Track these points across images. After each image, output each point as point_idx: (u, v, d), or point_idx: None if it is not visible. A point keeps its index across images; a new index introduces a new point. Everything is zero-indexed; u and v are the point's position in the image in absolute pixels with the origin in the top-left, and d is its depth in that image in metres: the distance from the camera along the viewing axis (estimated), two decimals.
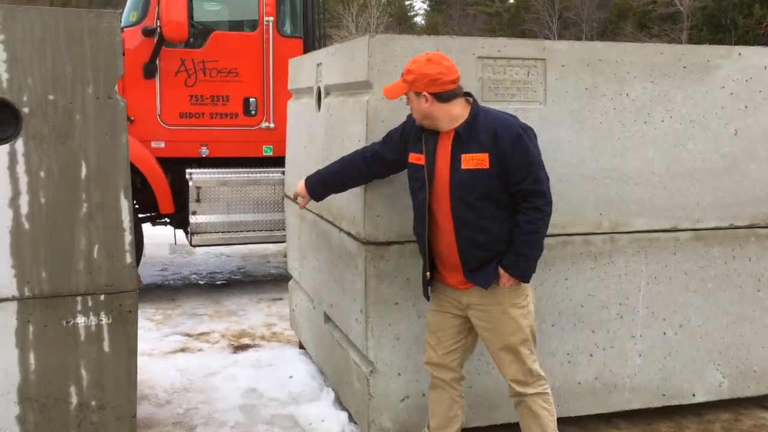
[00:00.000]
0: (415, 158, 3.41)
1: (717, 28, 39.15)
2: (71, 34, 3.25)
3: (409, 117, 3.51)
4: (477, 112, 3.30)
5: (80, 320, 3.34)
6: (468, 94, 3.37)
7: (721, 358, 4.39)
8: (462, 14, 54.48)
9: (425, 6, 63.71)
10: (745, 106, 4.25)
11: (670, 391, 4.33)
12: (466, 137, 3.26)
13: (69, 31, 3.24)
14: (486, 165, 3.22)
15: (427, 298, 3.55)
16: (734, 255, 4.34)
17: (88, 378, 3.38)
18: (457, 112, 3.29)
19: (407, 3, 61.53)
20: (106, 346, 3.39)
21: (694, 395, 4.38)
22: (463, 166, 3.25)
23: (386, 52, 3.67)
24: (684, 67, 4.11)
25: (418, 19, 59.97)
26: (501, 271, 3.30)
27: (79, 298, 3.34)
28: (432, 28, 47.96)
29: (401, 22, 50.98)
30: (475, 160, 3.23)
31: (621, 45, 4.07)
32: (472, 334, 3.55)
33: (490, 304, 3.37)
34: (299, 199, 4.01)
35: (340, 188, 3.82)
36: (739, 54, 4.21)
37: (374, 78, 3.67)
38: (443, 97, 3.26)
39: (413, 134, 3.45)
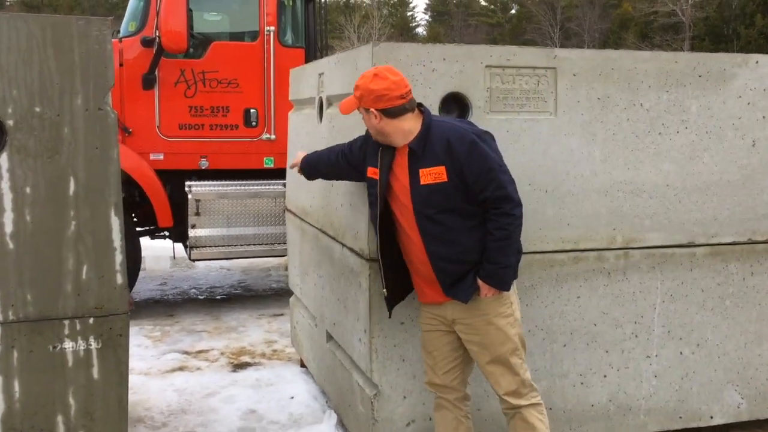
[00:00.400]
0: (372, 172, 3.33)
1: (719, 38, 39.14)
2: (59, 43, 3.09)
3: (366, 136, 3.46)
4: (429, 124, 3.18)
5: (68, 345, 3.16)
6: (420, 105, 3.25)
7: (740, 379, 4.22)
8: (464, 25, 54.50)
9: (427, 17, 63.81)
10: (763, 117, 4.09)
11: (687, 413, 4.15)
12: (420, 152, 3.16)
13: (57, 39, 3.08)
14: (444, 178, 3.11)
15: (389, 315, 3.47)
16: (752, 271, 4.17)
17: (76, 406, 3.20)
18: (408, 127, 3.18)
19: (409, 14, 61.63)
20: (95, 373, 3.21)
21: (711, 417, 4.20)
22: (421, 182, 3.15)
23: (391, 60, 3.51)
24: (699, 76, 3.96)
25: (420, 30, 60.05)
26: (480, 282, 3.17)
27: (66, 322, 3.16)
28: (434, 39, 47.93)
29: (403, 33, 51.00)
30: (432, 175, 3.12)
31: (634, 53, 3.92)
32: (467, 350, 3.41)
33: (474, 317, 3.25)
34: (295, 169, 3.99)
35: (322, 174, 3.83)
36: (756, 62, 4.05)
37: None
38: (392, 113, 3.14)
39: (371, 147, 3.37)
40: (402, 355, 3.67)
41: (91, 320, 3.20)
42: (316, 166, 3.80)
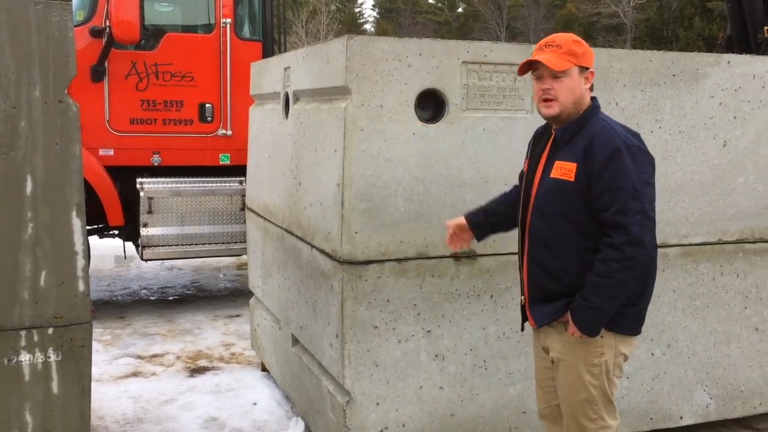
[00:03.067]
0: (525, 166, 3.01)
1: (659, 40, 40.06)
2: (15, 29, 2.84)
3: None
4: (587, 116, 2.80)
5: (24, 357, 2.91)
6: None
7: (709, 379, 4.22)
8: (411, 23, 54.61)
9: (375, 14, 63.72)
10: (734, 117, 4.09)
11: (658, 414, 4.14)
12: (561, 141, 2.81)
13: (13, 24, 2.83)
14: (571, 177, 2.71)
15: (522, 327, 3.09)
16: (722, 271, 4.18)
17: (33, 423, 2.95)
18: (586, 105, 2.83)
19: (357, 10, 61.44)
20: (54, 387, 2.96)
21: (681, 418, 4.20)
22: (551, 174, 2.78)
23: (366, 54, 3.38)
24: (673, 75, 3.94)
25: (368, 27, 59.92)
26: (568, 316, 2.77)
27: (23, 333, 2.91)
28: (382, 36, 47.90)
29: (351, 29, 50.75)
30: (563, 169, 2.74)
31: (610, 51, 3.88)
32: None
33: (561, 353, 2.87)
34: (446, 234, 3.25)
35: (504, 224, 3.20)
36: (728, 62, 4.05)
37: (352, 83, 3.38)
38: (591, 85, 2.85)
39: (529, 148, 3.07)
40: (375, 360, 3.55)
41: (50, 330, 2.96)
42: (490, 215, 3.19)
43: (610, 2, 43.02)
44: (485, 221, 3.20)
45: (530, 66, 2.86)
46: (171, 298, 7.60)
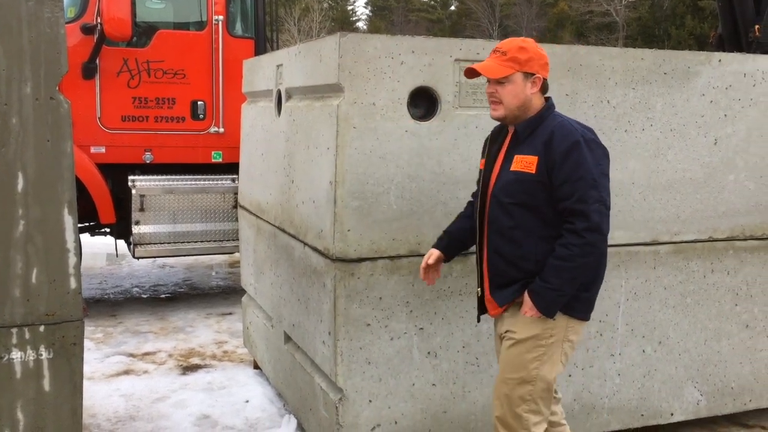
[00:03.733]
0: (481, 164, 3.13)
1: (651, 38, 40.15)
2: (6, 25, 2.82)
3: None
4: (544, 114, 2.95)
5: (16, 355, 2.89)
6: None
7: (699, 376, 4.25)
8: (404, 20, 54.55)
9: (367, 11, 63.65)
10: (725, 115, 4.11)
11: (649, 411, 4.16)
12: (522, 136, 2.94)
13: (4, 21, 2.81)
14: (532, 169, 2.85)
15: (478, 319, 3.23)
16: (713, 269, 4.20)
17: (25, 421, 2.94)
18: (536, 106, 2.97)
19: (349, 8, 61.36)
20: (46, 385, 2.95)
21: (672, 414, 4.22)
22: (512, 167, 2.91)
23: (358, 52, 3.38)
24: (665, 74, 3.95)
25: (361, 24, 59.87)
26: (525, 296, 2.90)
27: (14, 330, 2.90)
28: (375, 34, 47.85)
29: (343, 27, 50.68)
30: (524, 163, 2.88)
31: (601, 49, 3.89)
32: None
33: (511, 331, 2.98)
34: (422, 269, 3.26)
35: (470, 239, 3.22)
36: (719, 61, 4.07)
37: (345, 80, 3.38)
38: (545, 86, 2.98)
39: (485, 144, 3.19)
40: (368, 357, 3.55)
41: (41, 328, 2.94)
42: (454, 238, 3.26)
43: (602, 1, 43.12)
44: (451, 241, 3.26)
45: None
46: (163, 296, 7.58)
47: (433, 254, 3.24)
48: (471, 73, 3.04)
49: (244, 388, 4.90)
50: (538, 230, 2.89)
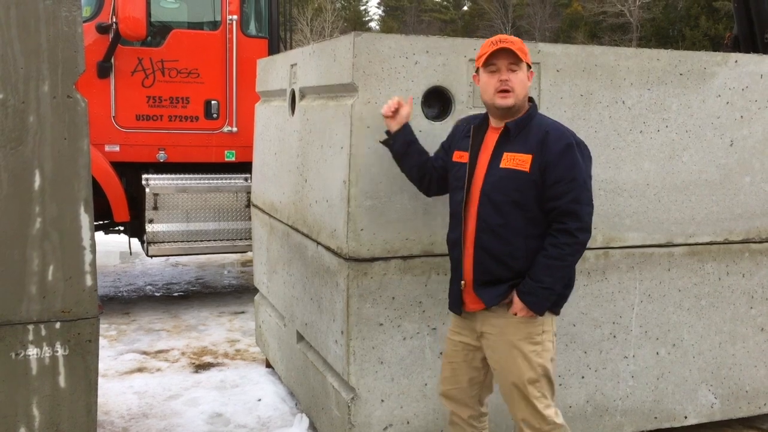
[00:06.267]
0: (459, 156, 3.12)
1: (665, 39, 39.94)
2: (24, 24, 2.84)
3: (456, 125, 3.27)
4: (534, 113, 3.03)
5: (32, 352, 2.92)
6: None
7: (713, 379, 4.22)
8: (417, 21, 54.56)
9: (380, 12, 63.69)
10: (741, 116, 4.08)
11: (663, 413, 4.13)
12: (514, 134, 2.97)
13: (21, 19, 2.83)
14: (526, 168, 2.89)
15: (459, 312, 3.15)
16: (728, 271, 4.17)
17: (41, 417, 2.96)
18: (527, 102, 3.05)
19: (362, 8, 61.40)
20: (61, 381, 2.97)
21: (686, 417, 4.19)
22: (501, 165, 2.94)
23: (372, 51, 3.39)
24: (680, 74, 3.93)
25: (373, 24, 59.91)
26: (515, 296, 2.94)
27: (30, 327, 2.92)
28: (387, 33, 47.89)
29: (356, 27, 50.72)
30: (516, 160, 2.92)
31: (617, 49, 3.87)
32: (491, 370, 3.18)
33: (500, 335, 3.01)
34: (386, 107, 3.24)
35: (411, 153, 3.24)
36: (736, 62, 4.04)
37: (359, 80, 3.38)
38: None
39: (460, 134, 3.18)
40: (380, 357, 3.55)
41: (57, 325, 2.96)
42: (410, 149, 3.25)
43: (616, 1, 42.93)
44: (407, 140, 3.23)
45: (486, 59, 2.97)
46: (176, 294, 7.61)
47: (401, 108, 3.21)
48: (486, 60, 2.97)
49: (257, 386, 4.91)
50: (525, 228, 2.93)
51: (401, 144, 3.24)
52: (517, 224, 2.93)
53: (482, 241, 2.98)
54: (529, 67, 3.01)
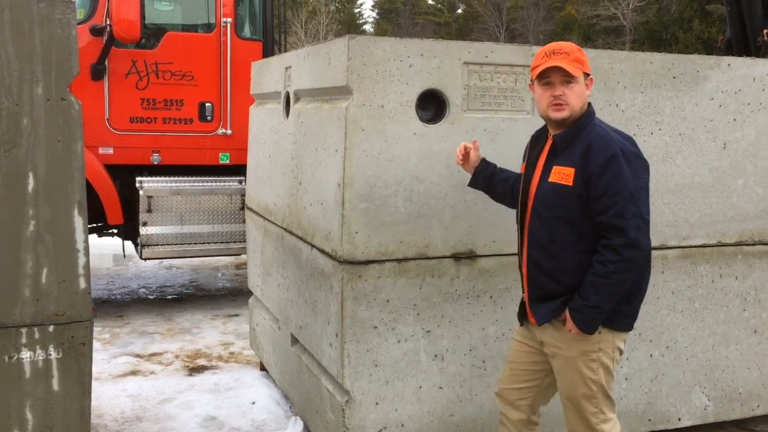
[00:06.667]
0: (522, 168, 3.13)
1: (658, 42, 40.08)
2: (18, 26, 2.83)
3: (532, 135, 3.20)
4: (584, 123, 2.91)
5: (25, 355, 2.91)
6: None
7: (707, 381, 4.23)
8: (411, 23, 54.63)
9: (374, 14, 63.75)
10: (734, 119, 4.10)
11: (656, 415, 4.14)
12: (560, 147, 2.92)
13: (15, 22, 2.83)
14: (569, 181, 2.83)
15: (520, 323, 3.19)
16: (721, 273, 4.18)
17: (34, 421, 2.95)
18: (584, 109, 2.97)
19: (356, 11, 61.45)
20: (55, 384, 2.96)
21: (680, 419, 4.20)
22: (549, 178, 2.90)
23: (367, 54, 3.39)
24: (674, 77, 3.94)
25: (368, 27, 59.94)
26: (567, 314, 2.89)
27: (24, 330, 2.91)
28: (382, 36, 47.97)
29: (350, 30, 50.75)
30: (561, 174, 2.86)
31: (610, 52, 3.88)
32: (550, 378, 3.13)
33: (557, 348, 2.99)
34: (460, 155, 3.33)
35: (501, 194, 3.32)
36: (728, 65, 4.06)
37: (354, 83, 3.38)
38: None
39: (529, 145, 3.18)
40: (375, 360, 3.55)
41: (51, 328, 2.95)
42: (492, 175, 3.32)
43: (609, 4, 43.08)
44: (487, 174, 3.31)
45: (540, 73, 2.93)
46: (170, 297, 7.59)
47: (472, 152, 3.30)
48: (540, 75, 2.94)
49: (251, 389, 4.90)
50: (574, 244, 2.87)
51: (484, 181, 3.31)
52: (565, 240, 2.88)
53: (533, 256, 2.97)
54: (587, 74, 2.94)
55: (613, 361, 2.99)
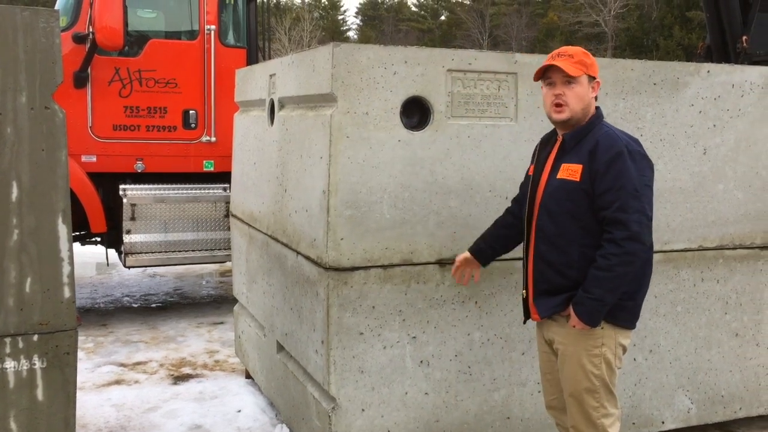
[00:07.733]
0: (529, 170, 3.21)
1: (639, 49, 40.46)
2: (1, 34, 2.82)
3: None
4: (593, 123, 3.03)
5: (9, 364, 2.88)
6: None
7: (690, 384, 4.27)
8: (394, 30, 54.79)
9: (358, 21, 63.85)
10: (714, 125, 4.16)
11: (640, 419, 4.17)
12: (570, 145, 3.02)
13: None
14: (576, 177, 2.93)
15: (524, 321, 3.29)
16: (703, 277, 4.23)
17: (18, 431, 2.92)
18: (591, 112, 3.06)
19: (340, 17, 61.54)
20: (39, 394, 2.94)
21: (663, 423, 4.24)
22: (558, 175, 3.00)
23: (351, 62, 3.41)
24: (654, 84, 3.99)
25: (351, 34, 60.05)
26: (571, 308, 2.96)
27: (8, 339, 2.89)
28: (366, 43, 48.10)
29: (334, 36, 50.84)
30: (569, 171, 2.96)
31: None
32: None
33: (561, 344, 3.07)
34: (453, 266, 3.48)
35: (502, 247, 3.42)
36: (708, 72, 4.11)
37: (338, 90, 3.40)
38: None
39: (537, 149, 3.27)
40: (361, 366, 3.56)
41: (35, 337, 2.94)
42: (490, 244, 3.40)
43: (591, 11, 43.47)
44: (486, 247, 3.42)
45: (542, 74, 3.06)
46: (154, 305, 7.56)
47: (462, 256, 3.42)
48: (539, 75, 3.08)
49: (236, 397, 4.89)
50: (580, 238, 2.95)
51: (488, 258, 3.43)
52: (571, 234, 2.96)
53: (540, 250, 3.05)
54: (592, 78, 3.03)
55: (616, 356, 3.05)
